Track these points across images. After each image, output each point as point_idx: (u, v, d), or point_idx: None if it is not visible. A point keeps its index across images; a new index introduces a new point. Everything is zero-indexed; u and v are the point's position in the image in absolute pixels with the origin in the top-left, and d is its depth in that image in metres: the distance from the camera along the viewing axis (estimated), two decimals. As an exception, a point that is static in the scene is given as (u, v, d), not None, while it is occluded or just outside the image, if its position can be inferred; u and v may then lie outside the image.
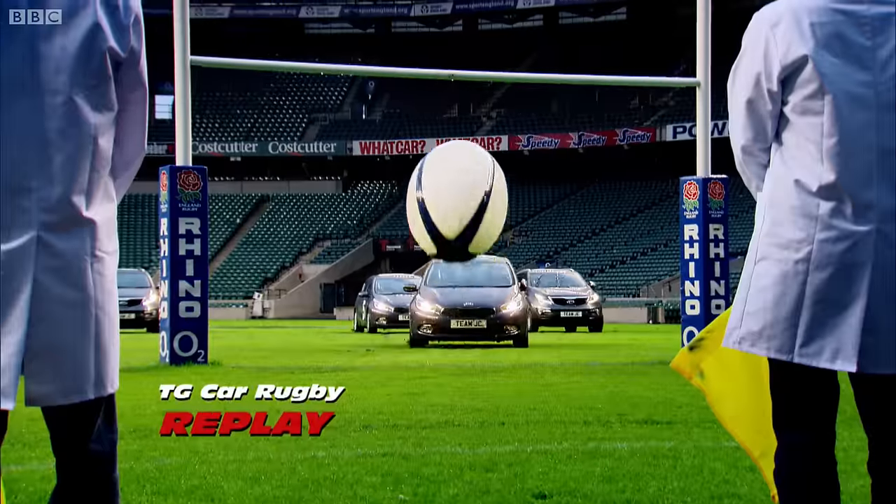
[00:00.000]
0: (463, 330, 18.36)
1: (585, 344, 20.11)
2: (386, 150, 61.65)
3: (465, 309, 18.38)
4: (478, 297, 18.58)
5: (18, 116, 2.69)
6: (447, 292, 18.87)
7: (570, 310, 28.15)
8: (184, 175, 12.91)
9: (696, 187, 14.21)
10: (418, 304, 18.77)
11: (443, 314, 18.38)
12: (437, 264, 19.99)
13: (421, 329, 18.50)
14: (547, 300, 28.24)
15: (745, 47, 3.13)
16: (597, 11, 62.72)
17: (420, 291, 19.32)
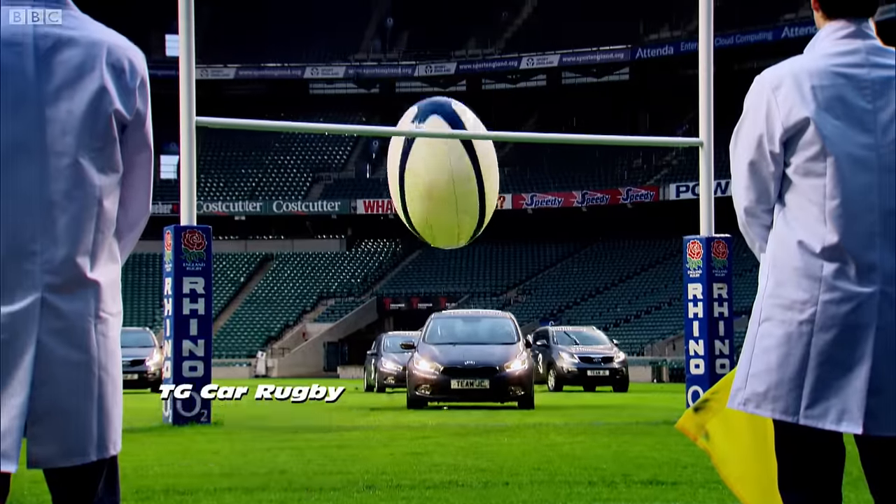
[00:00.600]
0: (464, 391, 17.21)
1: (588, 403, 20.01)
2: (390, 209, 61.71)
3: (467, 368, 17.25)
4: (480, 356, 17.44)
5: (24, 179, 2.71)
6: (447, 350, 17.70)
7: (596, 368, 27.13)
8: (188, 234, 12.95)
9: (700, 246, 14.22)
10: (416, 362, 17.61)
11: (442, 374, 17.22)
12: (437, 319, 19.19)
13: (419, 390, 17.34)
14: (573, 358, 27.19)
15: (748, 110, 3.16)
16: (600, 72, 63.14)
17: (418, 349, 18.07)
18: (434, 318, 19.37)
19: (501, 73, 64.35)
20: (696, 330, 14.16)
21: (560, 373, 26.99)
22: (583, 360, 27.15)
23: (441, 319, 19.36)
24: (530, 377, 17.56)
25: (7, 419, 2.67)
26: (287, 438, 11.04)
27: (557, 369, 27.16)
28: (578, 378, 27.07)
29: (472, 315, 20.40)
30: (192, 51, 13.07)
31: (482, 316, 20.19)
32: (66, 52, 2.76)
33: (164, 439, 10.79)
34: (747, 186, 3.15)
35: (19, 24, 2.75)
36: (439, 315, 20.02)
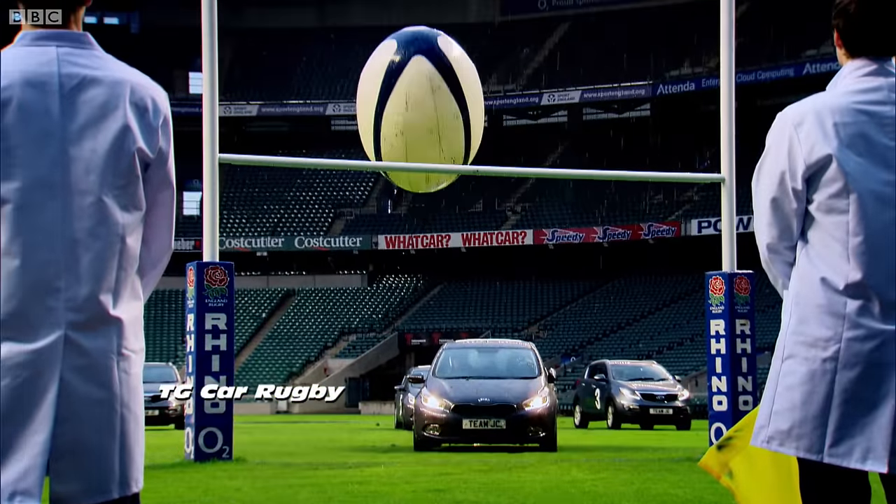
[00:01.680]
0: (478, 431, 15.33)
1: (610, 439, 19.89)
2: (411, 245, 61.87)
3: (481, 406, 15.35)
4: (496, 392, 15.57)
5: (48, 217, 2.73)
6: (459, 385, 15.79)
7: (659, 406, 25.74)
8: (211, 271, 12.98)
9: (722, 282, 14.17)
10: (424, 399, 15.65)
11: (453, 412, 15.31)
12: (449, 350, 17.20)
13: (427, 430, 15.42)
14: (634, 395, 25.80)
15: (770, 146, 3.16)
16: (621, 107, 63.23)
17: (427, 384, 16.10)
18: (446, 348, 17.42)
19: (522, 109, 64.54)
20: (719, 366, 14.09)
21: (620, 410, 25.75)
22: (645, 397, 25.87)
23: (453, 350, 17.35)
24: (552, 416, 15.63)
25: (30, 456, 2.68)
26: (308, 475, 11.02)
27: (617, 406, 25.85)
28: (639, 416, 25.77)
29: (488, 345, 18.17)
30: (215, 88, 13.15)
31: (499, 346, 17.90)
32: (91, 92, 2.79)
33: (186, 476, 10.78)
34: (770, 223, 3.15)
35: (45, 64, 2.78)
36: (452, 345, 17.99)
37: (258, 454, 14.22)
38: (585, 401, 27.73)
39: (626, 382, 26.34)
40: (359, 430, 25.37)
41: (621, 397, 25.82)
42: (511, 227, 60.91)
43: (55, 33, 2.82)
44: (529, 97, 63.24)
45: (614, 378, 26.52)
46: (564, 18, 66.99)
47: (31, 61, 2.78)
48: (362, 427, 28.33)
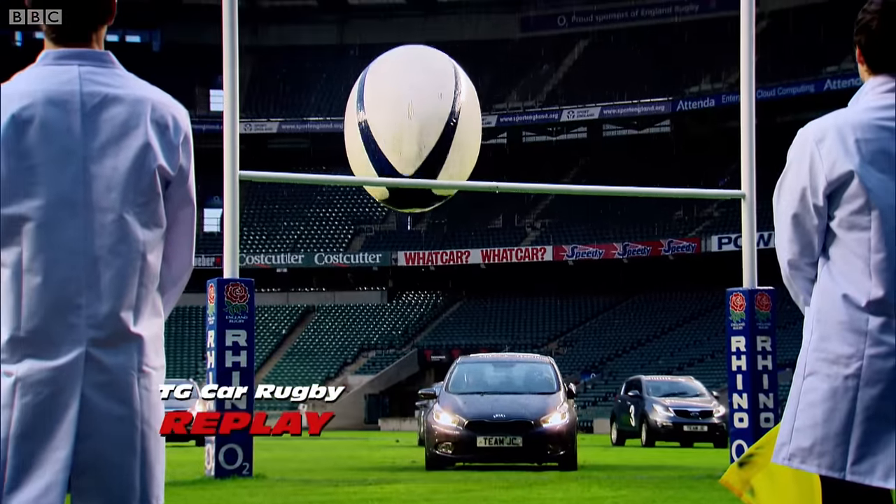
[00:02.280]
0: (493, 449, 14.56)
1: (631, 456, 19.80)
2: (431, 261, 61.90)
3: (496, 422, 14.61)
4: (512, 408, 14.83)
5: (70, 235, 2.74)
6: (472, 401, 15.07)
7: (693, 423, 24.82)
8: (231, 287, 13.01)
9: (743, 299, 14.12)
10: (436, 415, 14.90)
11: (466, 429, 14.58)
12: (463, 364, 16.35)
13: (439, 448, 14.67)
14: (667, 412, 24.91)
15: (791, 162, 3.15)
16: (640, 124, 63.20)
17: (439, 399, 15.34)
18: (459, 362, 16.62)
19: (542, 125, 64.56)
20: (740, 383, 14.03)
21: (653, 427, 24.93)
22: (678, 413, 24.93)
23: (467, 364, 16.51)
24: (572, 433, 14.91)
25: (51, 473, 2.69)
26: (328, 492, 11.01)
27: (650, 423, 25.04)
28: (673, 433, 24.89)
29: (504, 359, 17.39)
30: (236, 106, 13.21)
31: (516, 360, 17.05)
32: (112, 110, 2.81)
33: (207, 493, 10.79)
34: (791, 239, 3.14)
35: (66, 83, 2.80)
36: (465, 359, 17.13)
37: (278, 471, 14.22)
38: (621, 418, 26.97)
39: (660, 398, 25.49)
40: (378, 447, 25.34)
41: (654, 414, 25.02)
42: (531, 244, 60.87)
43: (77, 52, 2.84)
44: (549, 113, 63.26)
45: (648, 394, 25.70)
46: (584, 35, 67.03)
47: (54, 80, 2.80)
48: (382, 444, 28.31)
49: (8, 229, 2.73)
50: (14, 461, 2.68)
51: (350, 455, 20.81)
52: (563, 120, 62.91)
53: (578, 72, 65.18)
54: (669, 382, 27.55)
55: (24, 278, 2.72)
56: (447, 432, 14.68)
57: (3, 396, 2.71)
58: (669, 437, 25.05)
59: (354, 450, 23.92)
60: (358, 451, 23.28)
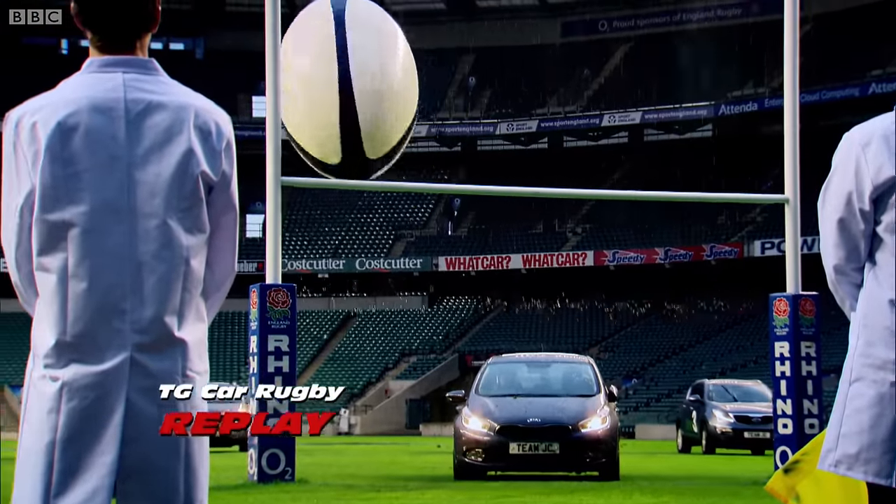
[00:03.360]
0: (526, 457, 13.42)
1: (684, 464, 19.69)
2: (472, 266, 61.89)
3: (530, 427, 13.48)
4: (548, 411, 13.69)
5: (114, 241, 2.77)
6: (505, 404, 13.93)
7: (755, 429, 23.47)
8: (273, 293, 13.07)
9: (787, 304, 14.02)
10: (465, 420, 13.76)
11: (498, 434, 13.46)
12: (494, 364, 15.19)
13: (468, 455, 13.53)
14: (727, 417, 23.74)
15: (836, 167, 3.12)
16: (682, 128, 62.91)
17: (468, 402, 14.17)
18: (491, 362, 15.40)
19: (583, 130, 64.41)
20: (784, 389, 13.92)
21: (712, 433, 23.80)
22: (739, 419, 23.74)
23: (499, 364, 15.30)
24: (614, 439, 13.76)
25: (98, 477, 2.72)
26: (370, 497, 11.03)
27: (710, 429, 23.95)
28: (733, 440, 23.72)
29: (539, 358, 16.05)
30: (278, 112, 13.26)
31: (552, 360, 15.74)
32: (156, 117, 2.84)
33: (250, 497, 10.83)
34: (836, 244, 3.11)
35: (111, 90, 2.83)
36: (497, 358, 15.90)
37: (320, 476, 14.26)
38: (686, 423, 25.85)
39: (720, 404, 24.33)
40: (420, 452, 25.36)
41: (713, 420, 23.94)
42: (571, 249, 60.72)
43: (122, 59, 2.87)
44: (590, 118, 63.10)
45: (709, 399, 24.62)
46: (625, 39, 66.84)
47: (99, 87, 2.83)
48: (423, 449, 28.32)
49: (53, 235, 2.76)
50: (61, 465, 2.71)
51: (391, 460, 20.83)
52: (604, 125, 62.73)
53: (620, 76, 64.99)
54: (733, 387, 26.17)
55: (70, 284, 2.75)
56: (477, 438, 13.53)
57: (50, 401, 2.74)
58: (730, 445, 23.83)
59: (396, 455, 23.94)
60: (399, 456, 23.30)
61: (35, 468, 2.71)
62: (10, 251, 2.84)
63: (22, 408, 2.81)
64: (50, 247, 2.77)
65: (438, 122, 65.89)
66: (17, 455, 2.78)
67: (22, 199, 2.79)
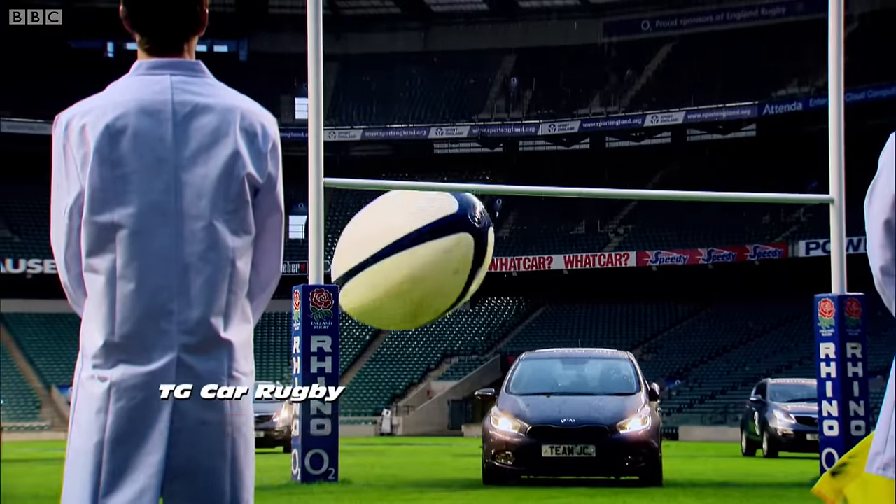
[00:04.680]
0: (560, 460, 12.39)
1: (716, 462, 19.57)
2: (514, 267, 61.81)
3: (565, 428, 12.46)
4: (584, 411, 12.67)
5: (161, 242, 2.79)
6: (537, 403, 12.93)
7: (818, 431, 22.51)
8: (316, 294, 13.12)
9: (832, 305, 13.90)
10: (494, 420, 12.82)
11: (529, 435, 12.45)
12: (527, 361, 14.27)
13: (497, 458, 12.54)
14: (788, 419, 22.39)
15: (882, 167, 3.10)
16: (725, 128, 62.50)
17: (498, 402, 13.21)
18: (523, 358, 14.45)
19: (625, 130, 64.15)
20: (830, 391, 13.81)
21: (773, 435, 22.64)
22: (801, 420, 22.31)
23: (532, 360, 14.30)
24: (656, 440, 12.75)
25: (145, 477, 2.74)
26: (413, 497, 11.04)
27: (770, 431, 22.82)
28: (795, 442, 22.37)
29: (575, 354, 14.99)
30: (320, 114, 13.33)
31: (589, 356, 14.75)
32: (203, 119, 2.85)
33: (294, 497, 10.88)
34: (883, 245, 3.08)
35: (159, 92, 2.86)
36: (530, 354, 14.87)
37: (363, 476, 14.29)
38: (748, 425, 24.71)
39: (782, 404, 23.07)
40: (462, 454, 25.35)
41: (774, 421, 22.78)
42: (614, 249, 60.49)
43: (169, 62, 2.89)
44: (632, 118, 62.83)
45: (771, 399, 23.47)
46: (668, 39, 66.50)
47: (146, 90, 2.86)
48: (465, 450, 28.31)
49: (102, 237, 2.78)
50: (109, 465, 2.74)
51: (434, 461, 20.84)
52: (646, 125, 62.45)
53: (662, 76, 64.69)
54: (797, 386, 24.63)
55: (118, 285, 2.78)
56: (507, 440, 12.53)
57: (99, 401, 2.76)
58: (792, 447, 22.42)
59: (438, 455, 23.95)
60: (442, 457, 23.31)
61: (84, 468, 2.74)
62: (60, 252, 2.87)
63: (71, 408, 2.84)
64: (98, 248, 2.79)
65: (480, 122, 65.86)
66: (66, 455, 2.81)
67: (71, 201, 2.82)
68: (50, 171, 2.92)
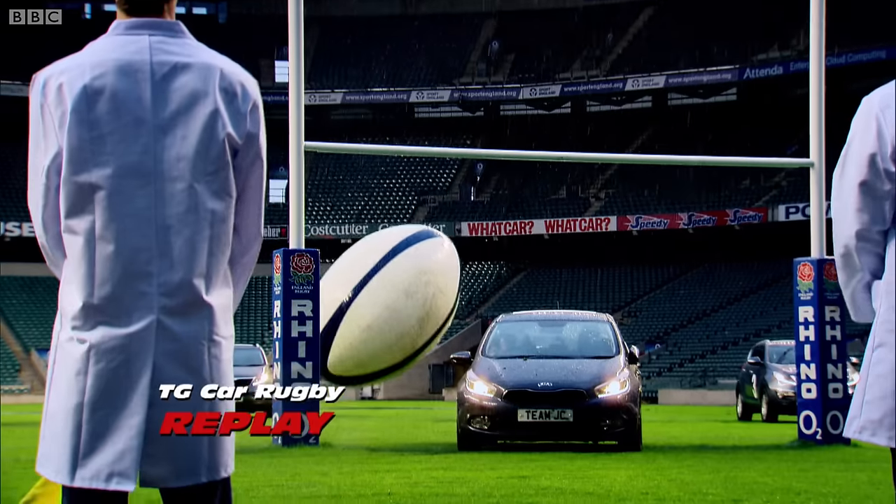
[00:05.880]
0: (536, 425, 12.07)
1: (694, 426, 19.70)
2: (494, 232, 61.83)
3: (541, 392, 12.12)
4: (561, 374, 12.31)
5: (140, 204, 2.77)
6: (513, 366, 12.57)
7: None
8: (297, 258, 13.10)
9: (811, 268, 13.96)
10: (469, 384, 12.47)
11: (505, 400, 12.11)
12: (503, 323, 13.88)
13: (472, 423, 12.25)
14: (790, 380, 20.95)
15: (856, 131, 3.09)
16: (706, 92, 62.50)
17: (473, 365, 12.88)
18: (500, 321, 14.06)
19: (606, 95, 64.06)
20: (808, 354, 13.89)
21: (773, 398, 21.72)
22: None
23: (509, 323, 13.93)
24: (635, 404, 12.36)
25: (126, 438, 2.73)
26: (394, 460, 11.09)
27: (770, 394, 21.89)
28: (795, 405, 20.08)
29: (553, 316, 14.60)
30: (301, 77, 13.25)
31: (567, 318, 14.32)
32: (182, 79, 2.82)
33: (274, 461, 10.91)
34: (860, 209, 3.06)
35: (137, 52, 2.82)
36: (507, 317, 14.48)
37: (344, 440, 14.34)
38: (745, 389, 23.77)
39: (783, 366, 21.96)
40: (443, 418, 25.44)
41: (774, 383, 21.72)
42: (595, 214, 60.56)
43: (148, 22, 2.86)
44: (613, 83, 62.75)
45: (770, 361, 22.40)
46: (649, 3, 66.33)
47: (124, 50, 2.82)
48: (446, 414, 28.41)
49: (80, 197, 2.76)
50: (89, 427, 2.73)
51: (414, 425, 20.92)
52: (627, 89, 62.37)
53: (643, 40, 64.57)
54: None
55: (97, 246, 2.76)
56: (482, 404, 12.20)
57: (78, 363, 2.75)
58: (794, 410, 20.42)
59: (418, 420, 24.04)
60: (422, 421, 23.39)
61: (63, 430, 2.73)
62: (38, 212, 2.85)
63: (48, 370, 2.83)
64: (77, 209, 2.77)
65: (461, 87, 65.66)
66: (43, 416, 2.80)
67: (49, 161, 2.79)
68: (27, 133, 2.89)
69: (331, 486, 8.46)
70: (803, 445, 13.28)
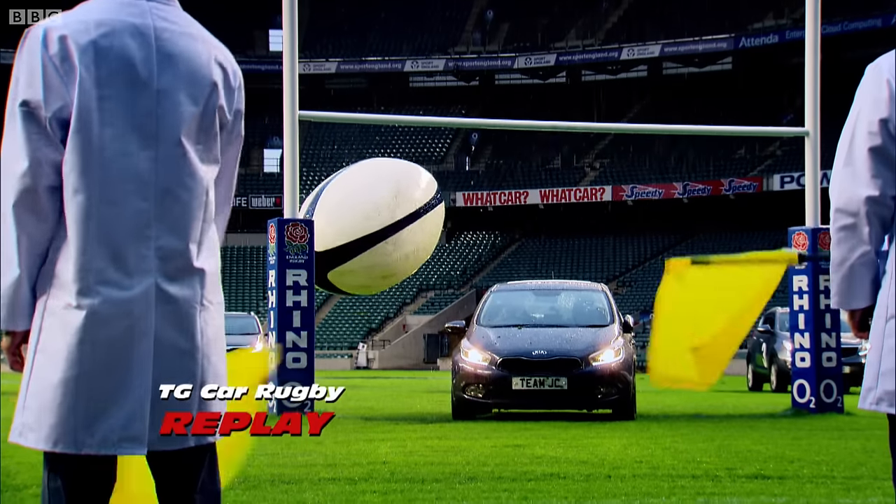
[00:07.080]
0: (531, 392, 12.14)
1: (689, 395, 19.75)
2: (489, 201, 61.83)
3: (536, 360, 12.20)
4: (555, 342, 12.42)
5: (141, 167, 2.77)
6: (508, 335, 12.67)
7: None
8: (291, 227, 13.09)
9: (806, 238, 13.97)
10: (464, 352, 12.55)
11: (500, 368, 12.20)
12: (498, 293, 14.02)
13: (467, 391, 12.33)
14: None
15: (863, 98, 3.05)
16: (702, 61, 62.37)
17: (468, 334, 12.96)
18: (495, 290, 14.20)
19: (602, 64, 63.92)
20: (802, 322, 13.92)
21: (783, 368, 20.16)
22: None
23: (503, 292, 14.03)
24: (629, 372, 12.41)
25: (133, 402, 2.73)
26: (389, 429, 11.12)
27: (780, 363, 20.58)
28: None
29: (547, 286, 14.75)
30: (295, 46, 13.21)
31: (562, 287, 14.38)
32: (183, 46, 2.84)
33: (268, 429, 10.92)
34: (874, 174, 2.98)
35: (139, 16, 2.82)
36: (502, 286, 14.59)
37: (339, 409, 14.37)
38: (755, 358, 22.70)
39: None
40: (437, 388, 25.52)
41: (783, 352, 20.06)
42: (590, 184, 60.55)
43: None
44: (608, 52, 62.60)
45: (780, 329, 20.98)
46: (644, -29, 66.09)
47: (127, 12, 2.81)
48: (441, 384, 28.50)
49: (83, 156, 2.73)
50: (94, 393, 2.72)
51: (409, 395, 20.98)
52: (622, 58, 62.24)
53: (638, 9, 64.36)
54: None
55: (100, 208, 2.75)
56: (477, 372, 12.27)
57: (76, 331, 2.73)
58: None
59: (413, 389, 24.10)
60: (416, 390, 23.46)
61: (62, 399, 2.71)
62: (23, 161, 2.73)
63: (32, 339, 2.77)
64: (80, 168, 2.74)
65: (456, 55, 65.47)
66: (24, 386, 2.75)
67: (50, 113, 2.74)
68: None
69: (325, 454, 8.49)
70: (797, 414, 13.34)
